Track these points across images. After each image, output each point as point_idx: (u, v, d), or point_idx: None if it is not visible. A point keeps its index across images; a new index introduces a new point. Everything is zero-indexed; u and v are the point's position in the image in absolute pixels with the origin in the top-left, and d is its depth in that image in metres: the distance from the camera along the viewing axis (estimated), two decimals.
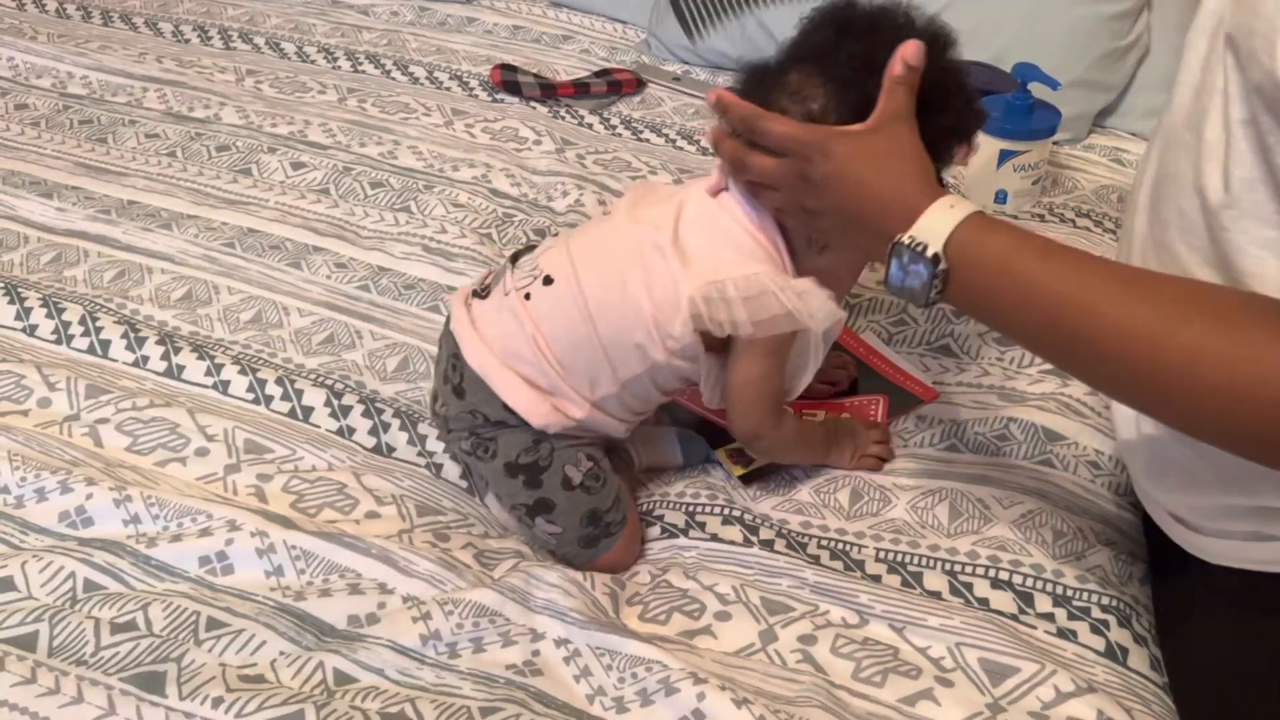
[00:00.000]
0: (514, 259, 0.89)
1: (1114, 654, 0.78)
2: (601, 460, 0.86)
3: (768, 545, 0.85)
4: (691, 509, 0.90)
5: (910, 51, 0.75)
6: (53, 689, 0.71)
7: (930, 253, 0.69)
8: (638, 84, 1.54)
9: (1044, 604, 0.81)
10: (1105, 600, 0.81)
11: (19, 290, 1.10)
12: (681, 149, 1.41)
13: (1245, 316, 0.62)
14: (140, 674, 0.72)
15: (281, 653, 0.75)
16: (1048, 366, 1.04)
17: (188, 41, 1.65)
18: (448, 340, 0.87)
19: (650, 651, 0.75)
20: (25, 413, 0.95)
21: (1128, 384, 0.66)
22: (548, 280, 0.84)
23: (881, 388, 1.02)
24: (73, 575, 0.80)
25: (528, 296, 0.84)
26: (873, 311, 1.12)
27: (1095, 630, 0.79)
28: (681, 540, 0.87)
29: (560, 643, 0.76)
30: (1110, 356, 0.64)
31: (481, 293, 0.87)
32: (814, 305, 0.81)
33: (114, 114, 1.44)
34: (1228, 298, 0.65)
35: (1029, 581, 0.82)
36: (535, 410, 0.83)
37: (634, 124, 1.46)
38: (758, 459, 0.93)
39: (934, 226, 0.70)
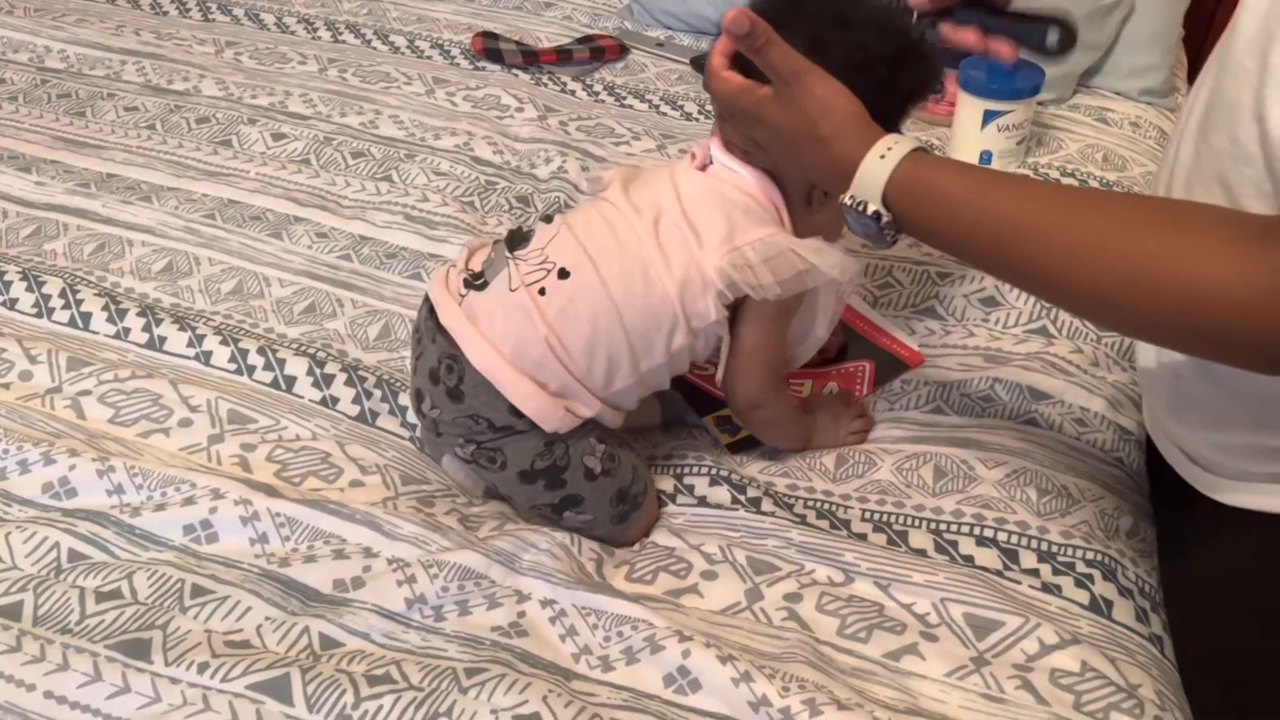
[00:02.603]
0: (510, 246, 0.83)
1: (1098, 607, 0.78)
2: (609, 438, 0.84)
3: (754, 504, 0.86)
4: (679, 471, 0.90)
5: (727, 21, 0.73)
6: (38, 656, 0.71)
7: (871, 210, 0.71)
8: (620, 50, 1.52)
9: (1029, 560, 0.81)
10: (1090, 555, 0.81)
11: None
12: (665, 114, 1.40)
13: (1194, 221, 0.62)
14: (126, 641, 0.72)
15: (267, 618, 0.75)
16: (1033, 326, 1.04)
17: (166, 14, 1.64)
18: (437, 337, 0.81)
19: (636, 610, 0.75)
20: (7, 386, 0.95)
21: (1083, 296, 0.66)
22: (563, 273, 0.80)
23: (868, 353, 1.02)
24: (57, 545, 0.79)
25: (542, 291, 0.79)
26: (859, 274, 1.11)
27: (1080, 584, 0.79)
28: (670, 506, 0.87)
29: (546, 603, 0.77)
30: (1062, 270, 0.65)
31: (476, 284, 0.81)
32: (832, 255, 0.81)
33: (93, 87, 1.43)
34: (1174, 206, 0.66)
35: (1014, 539, 0.83)
36: (549, 416, 0.79)
37: (617, 90, 1.45)
38: (743, 432, 0.93)
39: (869, 180, 0.71)
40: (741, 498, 0.86)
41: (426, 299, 0.84)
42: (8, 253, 1.12)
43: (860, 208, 0.72)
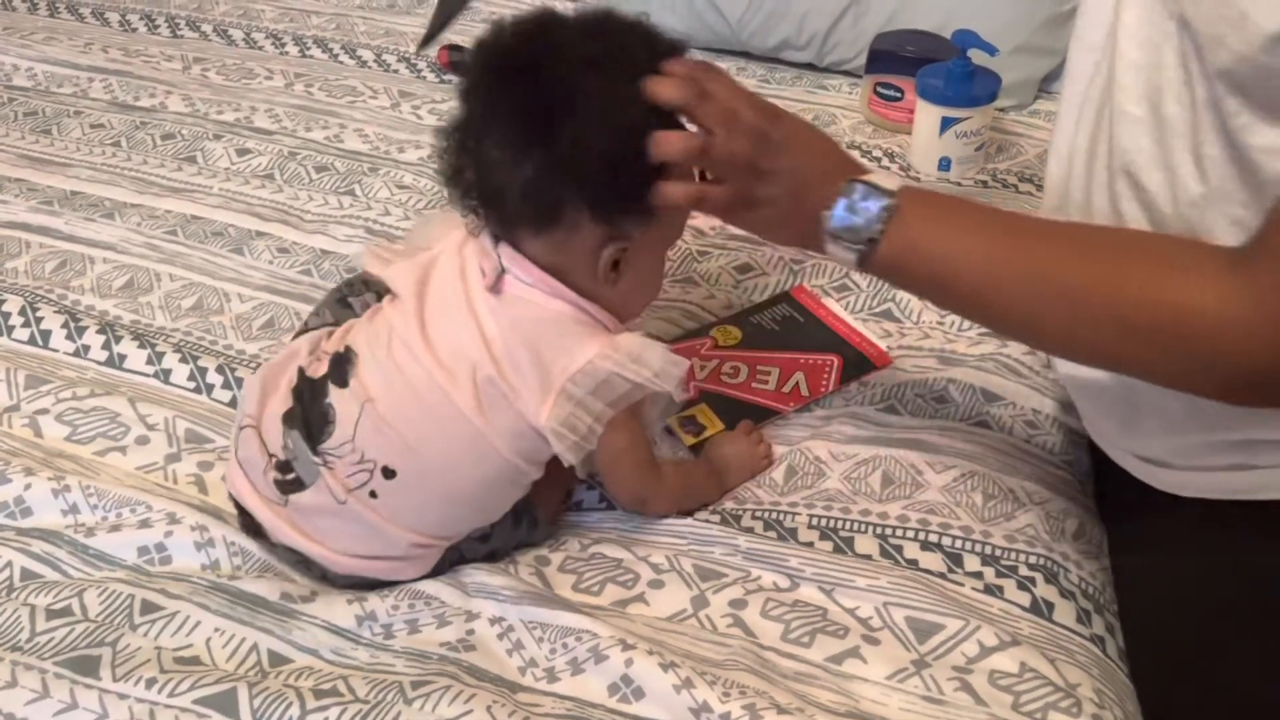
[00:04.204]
0: (309, 439, 0.77)
1: (1039, 609, 0.79)
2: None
3: (704, 520, 0.86)
4: None
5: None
6: None
7: (885, 186, 0.73)
8: None
9: (973, 563, 0.82)
10: (1033, 559, 0.82)
11: None
12: None
13: (1168, 254, 0.65)
14: (74, 658, 0.73)
15: (216, 629, 0.75)
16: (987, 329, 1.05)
17: (135, 31, 1.64)
18: (280, 552, 0.80)
19: (581, 621, 0.76)
20: None
21: (1064, 339, 0.70)
22: (388, 473, 0.76)
23: (838, 349, 1.03)
24: (10, 564, 0.80)
25: (373, 494, 0.76)
26: (816, 275, 1.12)
27: (1021, 586, 0.80)
28: (618, 511, 0.88)
29: (495, 620, 0.77)
30: (1043, 316, 0.69)
31: (288, 479, 0.77)
32: (654, 364, 0.76)
33: (59, 105, 1.43)
34: (1144, 239, 0.69)
35: (958, 543, 0.84)
36: (428, 563, 0.81)
37: None
38: (707, 431, 0.94)
39: (883, 178, 0.74)
40: (688, 517, 0.87)
41: (236, 503, 0.82)
42: None
43: (875, 185, 0.73)
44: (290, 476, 0.78)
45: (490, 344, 0.75)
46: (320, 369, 0.80)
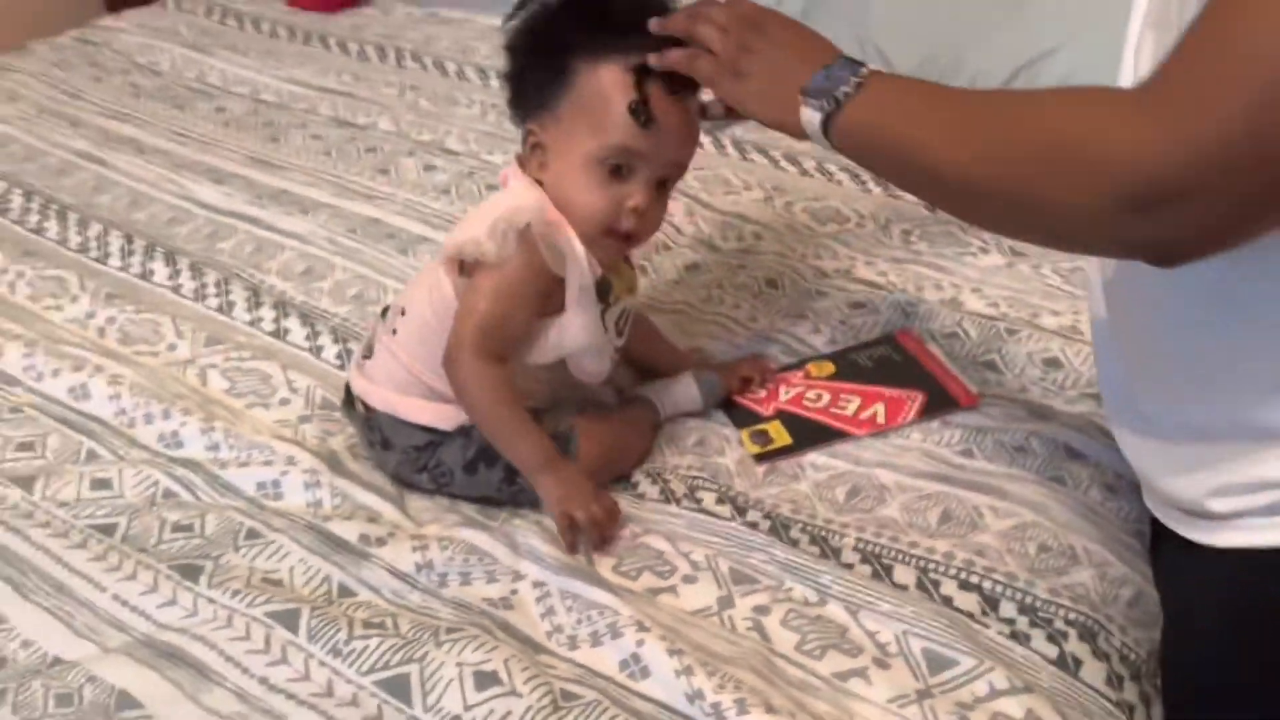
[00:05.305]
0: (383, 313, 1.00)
1: (1065, 663, 0.78)
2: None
3: (752, 526, 0.90)
4: (694, 484, 0.95)
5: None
6: (115, 567, 0.86)
7: (865, 66, 0.80)
8: None
9: (1008, 610, 0.82)
10: (1073, 615, 0.81)
11: (175, 257, 1.29)
12: (783, 169, 1.47)
13: (1075, 94, 0.67)
14: (183, 565, 0.86)
15: (301, 560, 0.87)
16: (1091, 390, 1.03)
17: (368, 60, 1.86)
18: (353, 414, 0.98)
19: (608, 599, 0.82)
20: (155, 354, 1.13)
21: (985, 184, 0.70)
22: (403, 312, 0.95)
23: (923, 385, 1.04)
24: (156, 483, 0.95)
25: (394, 331, 0.94)
26: (928, 319, 1.14)
27: (1051, 639, 0.79)
28: (673, 507, 0.93)
29: (536, 584, 0.85)
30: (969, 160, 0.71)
31: (364, 358, 0.98)
32: (487, 237, 0.87)
33: (291, 118, 1.65)
34: (1054, 88, 0.73)
35: (998, 588, 0.84)
36: (447, 417, 0.91)
37: (743, 144, 1.53)
38: (773, 444, 0.98)
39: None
40: (741, 517, 0.91)
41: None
42: (186, 248, 1.32)
43: (853, 60, 0.80)
44: (368, 353, 0.98)
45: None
46: None
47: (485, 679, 0.75)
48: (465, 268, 0.90)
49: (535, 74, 0.90)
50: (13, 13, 2.31)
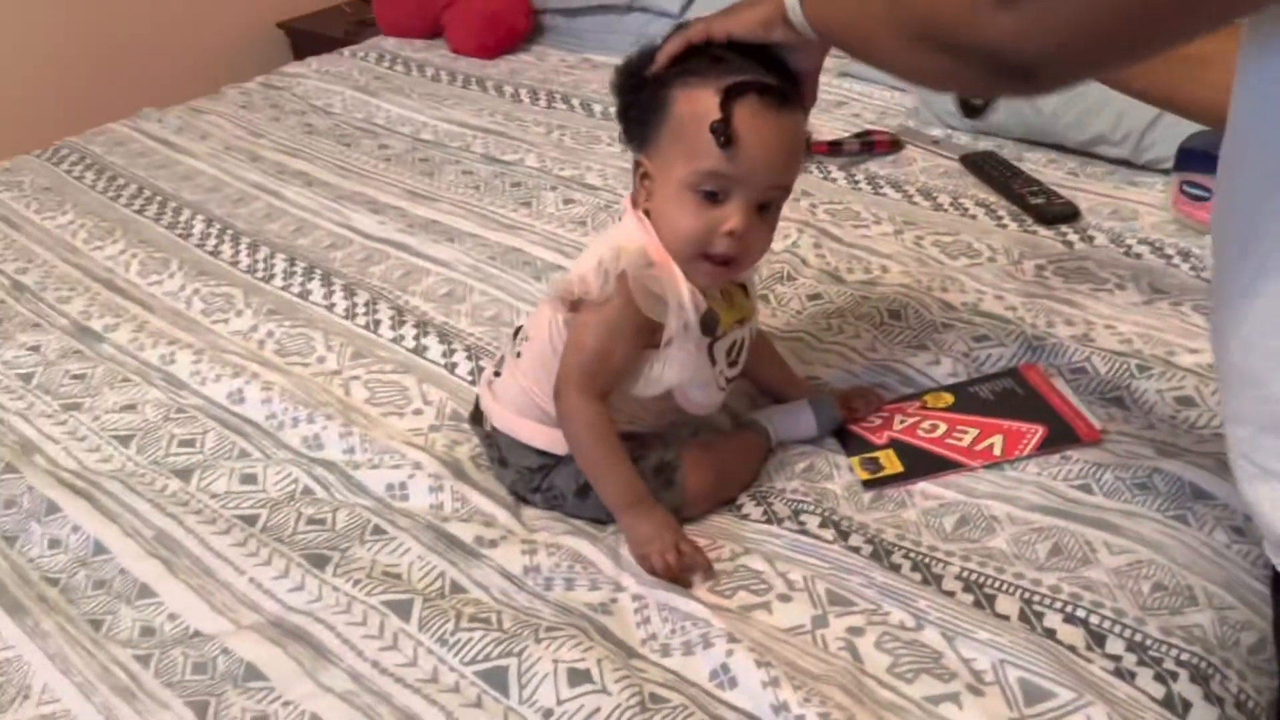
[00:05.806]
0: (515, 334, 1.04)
1: (1173, 704, 0.75)
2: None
3: (853, 550, 0.91)
4: (798, 507, 0.96)
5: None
6: (253, 553, 0.94)
7: None
8: (892, 145, 1.61)
9: (1115, 646, 0.80)
10: (1185, 656, 0.78)
11: (331, 278, 1.40)
12: (915, 204, 1.47)
13: None
14: (313, 554, 0.93)
15: (419, 556, 0.92)
16: (1221, 428, 0.98)
17: (520, 101, 1.96)
18: (479, 428, 1.03)
19: (703, 611, 0.84)
20: (306, 364, 1.22)
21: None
22: (525, 337, 0.99)
23: (1045, 419, 1.02)
24: (296, 480, 1.03)
25: (519, 354, 0.99)
26: (1054, 355, 1.12)
27: (1159, 679, 0.77)
28: (775, 528, 0.94)
29: (636, 597, 0.87)
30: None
31: (495, 378, 1.02)
32: (595, 278, 0.89)
33: (445, 155, 1.76)
34: None
35: (1105, 624, 0.81)
36: (558, 443, 0.94)
37: (877, 180, 1.54)
38: (883, 471, 0.98)
39: None
40: (844, 540, 0.91)
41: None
42: (342, 270, 1.42)
43: None
44: (499, 370, 1.02)
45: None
46: None
47: (578, 676, 0.78)
48: (574, 303, 0.93)
49: (639, 108, 0.92)
50: (210, 61, 2.54)
